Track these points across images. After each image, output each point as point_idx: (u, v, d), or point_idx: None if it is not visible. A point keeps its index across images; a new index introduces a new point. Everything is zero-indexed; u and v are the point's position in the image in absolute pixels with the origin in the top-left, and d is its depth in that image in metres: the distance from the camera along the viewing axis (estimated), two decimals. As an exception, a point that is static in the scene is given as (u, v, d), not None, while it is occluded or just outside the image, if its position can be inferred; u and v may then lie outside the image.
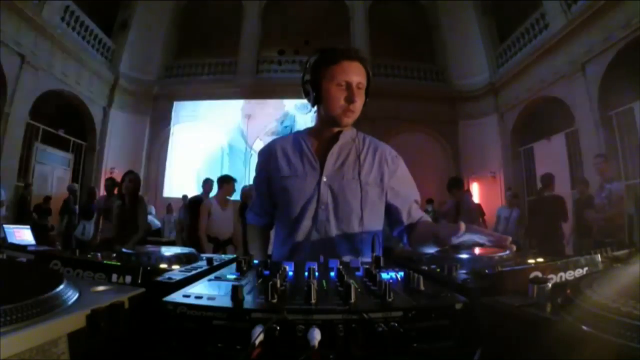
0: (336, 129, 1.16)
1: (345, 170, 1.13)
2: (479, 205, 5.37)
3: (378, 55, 9.92)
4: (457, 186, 4.66)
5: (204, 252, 1.30)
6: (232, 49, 10.03)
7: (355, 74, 1.07)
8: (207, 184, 4.63)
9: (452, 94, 9.77)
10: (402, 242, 1.19)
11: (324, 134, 1.18)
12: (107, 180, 4.71)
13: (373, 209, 1.14)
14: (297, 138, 1.21)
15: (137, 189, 3.68)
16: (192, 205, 4.38)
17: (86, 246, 5.07)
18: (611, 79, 6.03)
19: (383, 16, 9.98)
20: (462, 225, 0.81)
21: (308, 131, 1.23)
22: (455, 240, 0.85)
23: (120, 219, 3.59)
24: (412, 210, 1.16)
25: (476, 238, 0.84)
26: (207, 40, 10.63)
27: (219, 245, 3.87)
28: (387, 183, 1.16)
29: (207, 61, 10.22)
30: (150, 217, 6.27)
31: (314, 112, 1.20)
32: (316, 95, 1.12)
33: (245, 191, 4.50)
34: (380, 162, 1.17)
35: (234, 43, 10.02)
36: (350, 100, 1.07)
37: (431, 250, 0.96)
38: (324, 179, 1.12)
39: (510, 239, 0.80)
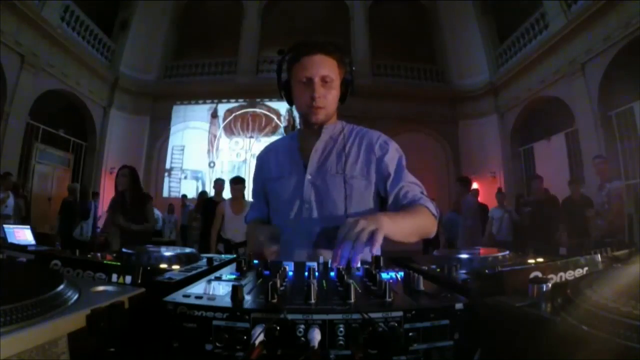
0: (317, 127, 1.11)
1: (329, 166, 1.10)
2: (483, 206, 5.35)
3: (378, 55, 9.92)
4: (461, 185, 4.68)
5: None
6: (232, 49, 10.02)
7: (318, 68, 1.03)
8: (218, 183, 4.59)
9: (452, 94, 9.76)
10: None
11: (308, 132, 1.14)
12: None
13: (360, 203, 1.07)
14: (288, 139, 1.23)
15: (134, 182, 3.44)
16: (207, 205, 4.36)
17: (85, 247, 5.05)
18: (611, 79, 6.03)
19: (383, 16, 9.96)
20: None
21: (298, 132, 1.22)
22: None
23: (123, 215, 3.38)
24: (401, 194, 1.06)
25: None
26: (207, 40, 10.61)
27: (232, 248, 3.83)
28: (374, 171, 1.10)
29: (207, 61, 10.20)
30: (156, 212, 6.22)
31: None
32: (288, 95, 1.12)
33: None
34: (366, 151, 1.11)
35: (234, 43, 10.01)
36: (311, 96, 1.04)
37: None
38: (308, 176, 1.10)
39: None
